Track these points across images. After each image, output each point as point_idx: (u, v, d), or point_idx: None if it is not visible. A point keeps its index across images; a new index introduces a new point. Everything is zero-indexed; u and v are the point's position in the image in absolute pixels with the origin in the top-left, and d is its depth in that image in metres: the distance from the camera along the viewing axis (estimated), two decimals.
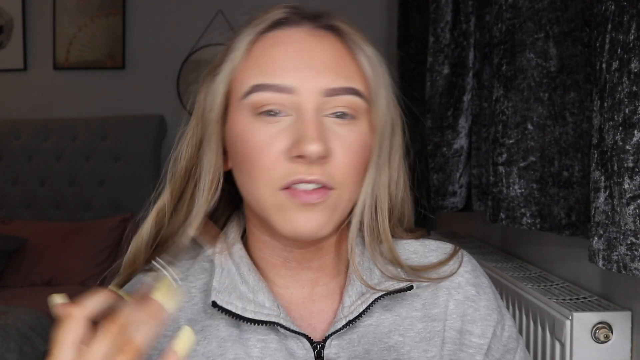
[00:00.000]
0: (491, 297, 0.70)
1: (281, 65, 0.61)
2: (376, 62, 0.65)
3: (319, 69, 0.60)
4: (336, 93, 0.60)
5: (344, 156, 0.60)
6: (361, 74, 0.63)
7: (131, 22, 3.11)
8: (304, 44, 0.62)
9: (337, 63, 0.62)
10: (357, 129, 0.62)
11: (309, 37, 0.62)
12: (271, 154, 0.59)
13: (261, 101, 0.60)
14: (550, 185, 1.18)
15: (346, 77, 0.61)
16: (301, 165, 0.58)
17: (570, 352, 1.07)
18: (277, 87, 0.60)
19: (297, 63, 0.61)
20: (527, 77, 1.21)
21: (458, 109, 1.58)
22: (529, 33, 1.20)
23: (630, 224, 0.85)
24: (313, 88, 0.60)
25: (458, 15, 1.59)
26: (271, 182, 0.59)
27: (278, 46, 0.62)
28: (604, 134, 0.89)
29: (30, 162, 2.97)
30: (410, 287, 0.65)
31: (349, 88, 0.61)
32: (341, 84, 0.61)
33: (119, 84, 3.11)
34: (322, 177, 0.59)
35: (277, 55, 0.61)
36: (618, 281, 1.13)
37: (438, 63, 1.63)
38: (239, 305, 0.63)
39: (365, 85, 0.63)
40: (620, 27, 0.86)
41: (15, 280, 2.57)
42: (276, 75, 0.60)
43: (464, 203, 1.63)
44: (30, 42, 3.18)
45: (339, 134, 0.60)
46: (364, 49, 0.64)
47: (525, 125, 1.21)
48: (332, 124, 0.61)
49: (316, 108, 0.60)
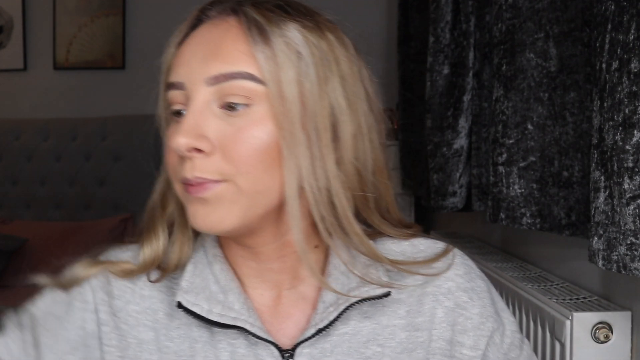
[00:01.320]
0: (487, 302, 0.65)
1: (179, 62, 0.60)
2: (290, 41, 0.58)
3: (205, 59, 0.58)
4: (222, 80, 0.57)
5: (236, 147, 0.56)
6: (269, 53, 0.57)
7: (131, 22, 3.11)
8: (203, 37, 0.59)
9: (227, 48, 0.57)
10: (253, 116, 0.57)
11: (212, 27, 0.60)
12: (170, 155, 0.59)
13: (169, 101, 0.60)
14: (550, 185, 1.18)
15: (233, 62, 0.57)
16: (186, 162, 0.57)
17: (570, 352, 1.07)
18: (173, 85, 0.60)
19: (189, 57, 0.59)
20: (527, 77, 1.21)
21: (458, 109, 1.58)
22: (529, 33, 1.20)
23: (630, 224, 0.85)
24: (197, 79, 0.57)
25: (458, 15, 1.59)
26: (174, 179, 0.60)
27: (186, 44, 0.61)
28: (604, 134, 0.89)
29: (30, 162, 2.96)
30: (388, 293, 0.61)
31: (235, 72, 0.57)
32: (225, 69, 0.57)
33: (119, 84, 3.11)
34: (205, 173, 0.56)
35: (181, 54, 0.60)
36: (618, 281, 1.13)
37: (438, 63, 1.63)
38: (204, 307, 0.60)
39: (273, 64, 0.57)
40: (620, 27, 0.86)
41: (15, 280, 2.57)
42: (174, 73, 0.60)
43: (464, 203, 1.63)
44: (30, 42, 3.18)
45: (231, 124, 0.57)
46: (268, 29, 0.57)
47: (525, 125, 1.21)
48: (225, 116, 0.57)
49: (203, 100, 0.57)
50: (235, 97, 0.57)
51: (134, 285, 0.64)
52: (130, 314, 0.63)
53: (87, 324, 0.63)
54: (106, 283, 0.65)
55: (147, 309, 0.64)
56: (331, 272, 0.63)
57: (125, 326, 0.63)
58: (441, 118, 1.62)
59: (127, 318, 0.63)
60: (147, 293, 0.64)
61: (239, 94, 0.57)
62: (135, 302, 0.64)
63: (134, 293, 0.64)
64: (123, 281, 0.64)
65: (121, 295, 0.64)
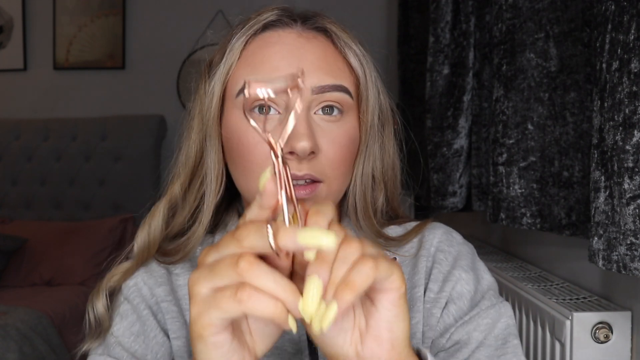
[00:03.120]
0: (462, 261, 0.71)
1: (272, 65, 0.64)
2: (364, 60, 0.69)
3: (308, 69, 0.64)
4: (324, 90, 0.64)
5: (332, 151, 0.64)
6: (349, 72, 0.67)
7: (131, 22, 3.11)
8: (294, 45, 0.65)
9: (326, 62, 0.65)
10: (344, 124, 0.66)
11: (299, 38, 0.66)
12: (263, 151, 0.63)
13: (256, 97, 0.63)
14: (550, 185, 1.18)
15: (334, 76, 0.65)
16: (291, 162, 0.61)
17: (570, 352, 1.07)
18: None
19: (288, 62, 0.64)
20: (527, 77, 1.21)
21: (458, 109, 1.58)
22: (529, 33, 1.20)
23: (630, 224, 0.85)
24: (305, 86, 0.63)
25: (458, 15, 1.59)
26: None
27: (270, 47, 0.65)
28: (604, 134, 0.89)
29: (30, 162, 2.97)
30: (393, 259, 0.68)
31: (337, 85, 0.65)
32: (329, 81, 0.64)
33: (119, 84, 3.11)
34: (311, 172, 0.62)
35: (269, 56, 0.65)
36: (618, 281, 1.13)
37: (438, 63, 1.63)
38: None
39: (353, 83, 0.67)
40: (620, 27, 0.86)
41: (15, 280, 2.57)
42: (268, 74, 0.64)
43: (464, 203, 1.63)
44: (30, 42, 3.18)
45: (326, 130, 0.64)
46: (353, 48, 0.68)
47: (526, 125, 1.21)
48: (321, 120, 0.64)
49: (306, 106, 0.63)
50: (333, 104, 0.65)
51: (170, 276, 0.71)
52: (177, 299, 0.70)
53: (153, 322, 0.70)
54: (149, 275, 0.71)
55: (185, 295, 0.70)
56: None
57: (175, 308, 0.70)
58: (441, 118, 1.62)
59: (175, 301, 0.70)
60: (181, 282, 0.71)
61: (336, 102, 0.65)
62: (174, 289, 0.70)
63: (171, 282, 0.71)
64: (163, 270, 0.71)
65: (164, 283, 0.71)
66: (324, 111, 0.64)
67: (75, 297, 2.36)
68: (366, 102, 0.68)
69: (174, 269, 0.72)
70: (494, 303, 0.69)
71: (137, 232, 0.72)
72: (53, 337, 2.11)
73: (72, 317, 2.24)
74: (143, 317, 0.70)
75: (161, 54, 3.04)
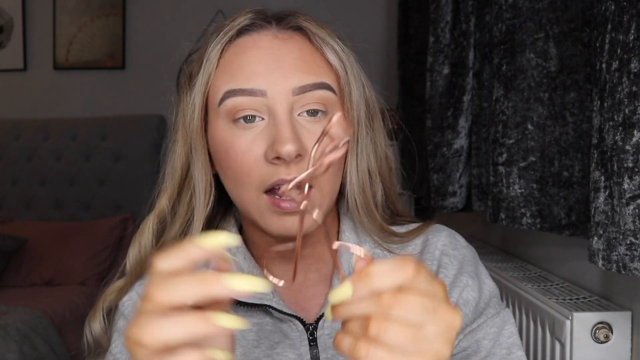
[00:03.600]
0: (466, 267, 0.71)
1: (251, 70, 0.63)
2: (344, 55, 0.67)
3: (287, 70, 0.63)
4: (306, 90, 0.63)
5: None
6: (329, 68, 0.66)
7: (131, 22, 3.11)
8: (270, 48, 0.64)
9: (304, 62, 0.64)
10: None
11: (275, 39, 0.65)
12: (251, 159, 0.62)
13: (235, 107, 0.63)
14: (550, 185, 1.18)
15: (314, 74, 0.64)
16: (280, 167, 0.61)
17: (570, 352, 1.07)
18: (249, 91, 0.62)
19: (266, 66, 0.63)
20: (527, 77, 1.21)
21: (458, 109, 1.58)
22: (529, 33, 1.20)
23: (629, 224, 0.85)
24: (283, 89, 0.62)
25: (458, 15, 1.59)
26: (254, 186, 0.62)
27: (246, 52, 0.65)
28: (604, 134, 0.89)
29: (30, 162, 2.97)
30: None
31: (318, 83, 0.64)
32: (309, 80, 0.63)
33: (119, 84, 3.11)
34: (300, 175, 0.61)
35: (247, 61, 0.64)
36: (618, 281, 1.13)
37: (438, 63, 1.63)
38: None
39: (334, 79, 0.66)
40: (620, 27, 0.86)
41: (15, 280, 2.57)
42: (247, 80, 0.63)
43: (464, 203, 1.63)
44: (30, 42, 3.18)
45: (312, 131, 0.63)
46: (331, 44, 0.67)
47: (525, 125, 1.21)
48: (306, 122, 0.63)
49: (288, 109, 0.62)
50: (316, 104, 0.64)
51: None
52: None
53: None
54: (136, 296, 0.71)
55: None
56: (343, 254, 0.70)
57: None
58: (441, 118, 1.62)
59: None
60: None
61: (319, 102, 0.64)
62: None
63: None
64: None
65: None
66: (309, 113, 0.64)
67: (75, 297, 2.36)
68: (349, 97, 0.67)
69: None
70: (498, 311, 0.70)
71: (129, 250, 0.72)
72: (53, 337, 2.11)
73: (72, 317, 2.24)
74: None
75: (161, 54, 3.03)
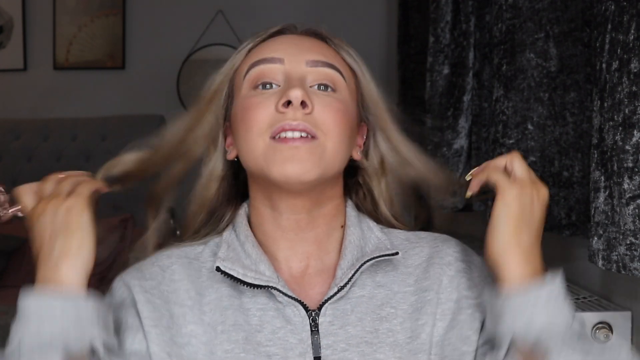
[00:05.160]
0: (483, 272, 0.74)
1: (271, 48, 0.74)
2: (359, 60, 0.77)
3: (303, 48, 0.74)
4: (318, 65, 0.72)
5: (327, 111, 0.70)
6: (344, 65, 0.76)
7: (131, 22, 3.11)
8: (293, 38, 0.76)
9: (321, 49, 0.75)
10: (338, 97, 0.73)
11: (296, 38, 0.76)
12: (262, 110, 0.70)
13: (257, 75, 0.72)
14: (550, 185, 1.18)
15: (327, 56, 0.74)
16: (287, 114, 0.68)
17: None
18: (269, 59, 0.73)
19: (286, 45, 0.74)
20: (527, 77, 1.21)
21: (458, 109, 1.58)
22: (529, 33, 1.20)
23: (629, 224, 0.85)
24: (298, 59, 0.72)
25: (458, 15, 1.59)
26: (262, 131, 0.69)
27: (272, 41, 0.76)
28: (604, 134, 0.90)
29: (30, 162, 2.96)
30: (396, 253, 0.72)
31: (330, 63, 0.73)
32: (322, 58, 0.73)
33: (119, 84, 3.11)
34: (306, 123, 0.68)
35: (270, 44, 0.75)
36: (618, 281, 1.13)
37: (438, 63, 1.63)
38: (240, 271, 0.70)
39: (345, 69, 0.75)
40: (620, 27, 0.86)
41: (15, 280, 2.56)
42: (270, 51, 0.74)
43: (464, 203, 1.63)
44: (30, 42, 3.18)
45: (321, 97, 0.71)
46: (347, 49, 0.77)
47: (525, 125, 1.21)
48: (316, 92, 0.71)
49: (301, 75, 0.71)
50: (326, 80, 0.72)
51: (164, 272, 0.74)
52: (163, 292, 0.73)
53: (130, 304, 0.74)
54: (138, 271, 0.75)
55: (177, 289, 0.73)
56: (347, 246, 0.74)
57: (158, 301, 0.72)
58: (441, 118, 1.62)
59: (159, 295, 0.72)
60: (177, 277, 0.74)
61: (329, 79, 0.72)
62: (165, 284, 0.73)
63: (164, 277, 0.74)
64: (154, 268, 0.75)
65: (153, 278, 0.74)
66: (319, 87, 0.72)
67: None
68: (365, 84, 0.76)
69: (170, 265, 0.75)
70: None
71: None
72: None
73: None
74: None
75: (161, 54, 3.04)
